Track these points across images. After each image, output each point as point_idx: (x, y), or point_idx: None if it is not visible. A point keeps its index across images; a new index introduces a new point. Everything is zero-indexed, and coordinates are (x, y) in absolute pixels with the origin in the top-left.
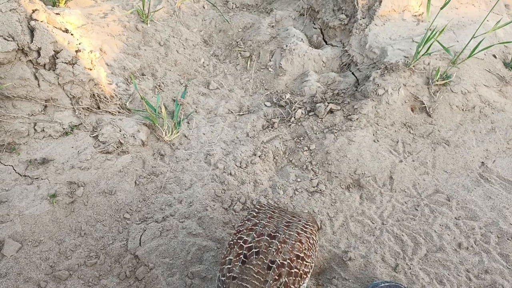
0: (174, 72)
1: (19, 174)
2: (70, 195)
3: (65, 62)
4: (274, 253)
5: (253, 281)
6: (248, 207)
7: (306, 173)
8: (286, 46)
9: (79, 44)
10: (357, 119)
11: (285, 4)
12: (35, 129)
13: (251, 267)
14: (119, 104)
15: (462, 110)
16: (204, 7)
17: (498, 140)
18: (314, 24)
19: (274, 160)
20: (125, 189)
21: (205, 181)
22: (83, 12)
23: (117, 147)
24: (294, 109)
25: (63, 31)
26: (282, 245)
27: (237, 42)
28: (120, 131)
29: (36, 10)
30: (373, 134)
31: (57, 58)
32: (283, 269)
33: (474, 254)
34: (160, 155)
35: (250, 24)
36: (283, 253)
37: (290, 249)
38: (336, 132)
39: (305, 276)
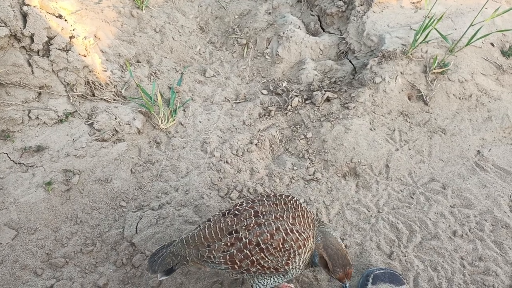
0: (170, 59)
1: (13, 161)
2: (65, 183)
3: (59, 49)
4: (243, 227)
5: (212, 232)
6: (244, 195)
7: (302, 161)
8: (283, 33)
9: (73, 30)
10: (354, 107)
11: None
12: (29, 117)
13: (222, 221)
14: (114, 91)
15: (459, 98)
16: None
17: (494, 128)
18: (312, 11)
19: (271, 148)
20: (121, 177)
21: (201, 169)
22: None
23: (113, 135)
24: (291, 97)
25: (57, 16)
26: (254, 226)
27: (234, 29)
28: (115, 118)
29: None
30: (370, 123)
31: (51, 44)
32: (238, 243)
33: (468, 242)
34: (156, 143)
35: (247, 11)
36: (249, 232)
37: (257, 234)
38: (332, 121)
39: (259, 268)
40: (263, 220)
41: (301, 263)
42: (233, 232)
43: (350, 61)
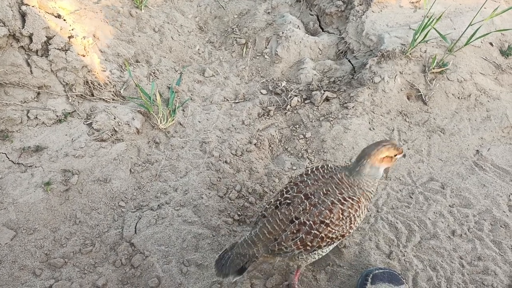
0: (169, 59)
1: (12, 161)
2: (64, 183)
3: (58, 48)
4: (301, 211)
5: (274, 225)
6: (243, 195)
7: (301, 161)
8: (282, 33)
9: (72, 30)
10: (353, 107)
11: None
12: (28, 117)
13: (278, 213)
14: (113, 91)
15: (458, 98)
16: None
17: (493, 128)
18: (311, 11)
19: (270, 148)
20: (120, 177)
21: (200, 169)
22: None
23: (112, 135)
24: (290, 96)
25: (56, 16)
26: (311, 207)
27: (233, 29)
28: (114, 118)
29: None
30: (369, 122)
31: (50, 44)
32: (303, 227)
33: (467, 241)
34: (155, 143)
35: (246, 10)
36: (309, 214)
37: (317, 213)
38: (332, 120)
39: (328, 240)
40: (316, 200)
41: (362, 219)
42: (294, 219)
43: (349, 60)
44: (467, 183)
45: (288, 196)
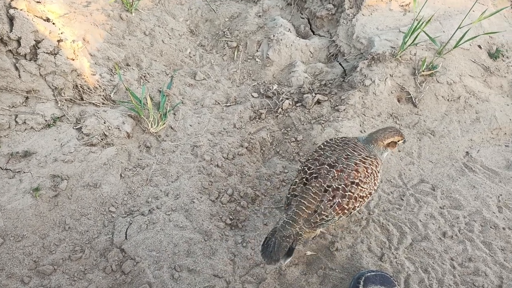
0: (159, 63)
1: (0, 167)
2: (53, 189)
3: (47, 52)
4: (331, 179)
5: (310, 199)
6: (235, 198)
7: (293, 164)
8: (274, 36)
9: (61, 33)
10: (344, 109)
11: None
12: (16, 121)
13: (310, 188)
14: (103, 95)
15: (448, 100)
16: None
17: (483, 130)
18: (302, 14)
19: (261, 151)
20: (110, 182)
21: (192, 173)
22: (66, 1)
23: (102, 139)
24: (282, 100)
25: (44, 20)
26: (339, 173)
27: (224, 32)
28: (104, 123)
29: None
30: (360, 125)
31: (38, 48)
32: (338, 192)
33: (458, 243)
34: (146, 147)
35: (237, 14)
36: (339, 179)
37: (346, 177)
38: (323, 123)
39: (360, 200)
40: (341, 166)
41: (380, 177)
42: (327, 188)
43: (340, 63)
44: (457, 185)
45: (313, 171)
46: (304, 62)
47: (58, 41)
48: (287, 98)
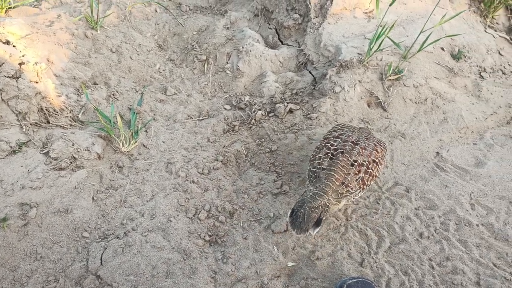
0: (128, 80)
1: None
2: (22, 218)
3: (8, 76)
4: (357, 155)
5: (339, 171)
6: (213, 214)
7: (269, 175)
8: (243, 47)
9: (23, 56)
10: (316, 117)
11: (239, 5)
12: None
13: (337, 161)
14: (70, 116)
15: (415, 102)
16: (156, 11)
17: (451, 129)
18: (269, 24)
19: (237, 163)
20: (82, 206)
21: (167, 191)
22: (27, 21)
23: (71, 163)
24: (254, 110)
25: (4, 43)
26: (363, 150)
27: (193, 46)
28: (73, 145)
29: None
30: None
31: None
32: (362, 168)
33: (435, 243)
34: (118, 167)
35: (205, 27)
36: (363, 156)
37: (369, 154)
38: (296, 132)
39: (374, 178)
40: (363, 144)
41: None
42: (353, 162)
43: (309, 72)
44: (430, 185)
45: (337, 147)
46: (274, 72)
47: (20, 64)
48: (259, 109)
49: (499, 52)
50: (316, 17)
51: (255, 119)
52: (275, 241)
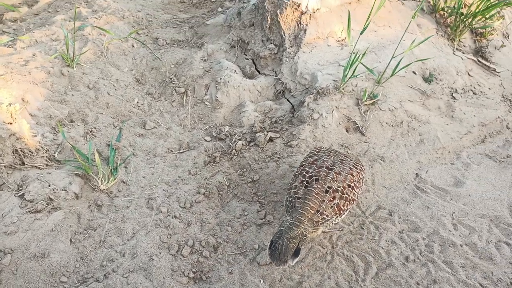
0: (106, 115)
1: None
2: None
3: None
4: (331, 181)
5: (313, 199)
6: (197, 249)
7: (252, 205)
8: (220, 78)
9: None
10: (296, 145)
11: (215, 37)
12: None
13: (312, 189)
14: (46, 156)
15: (392, 126)
16: (133, 46)
17: (428, 150)
18: (246, 55)
19: (219, 195)
20: (60, 249)
21: (148, 228)
22: (1, 61)
23: (47, 204)
24: (234, 141)
25: None
26: (337, 176)
27: (171, 79)
28: (49, 186)
29: None
30: None
31: None
32: (337, 193)
33: (421, 266)
34: (97, 206)
35: (183, 60)
36: (338, 181)
37: (343, 179)
38: (277, 160)
39: (352, 202)
40: (338, 169)
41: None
42: (328, 188)
43: (287, 99)
44: (412, 207)
45: (312, 174)
46: (253, 101)
47: None
48: (240, 139)
49: (468, 73)
50: (291, 46)
51: (235, 150)
52: (261, 274)
